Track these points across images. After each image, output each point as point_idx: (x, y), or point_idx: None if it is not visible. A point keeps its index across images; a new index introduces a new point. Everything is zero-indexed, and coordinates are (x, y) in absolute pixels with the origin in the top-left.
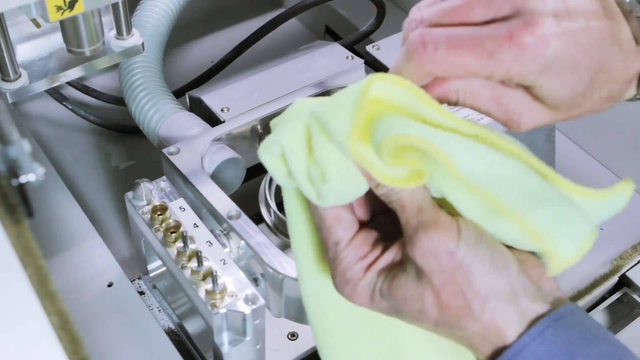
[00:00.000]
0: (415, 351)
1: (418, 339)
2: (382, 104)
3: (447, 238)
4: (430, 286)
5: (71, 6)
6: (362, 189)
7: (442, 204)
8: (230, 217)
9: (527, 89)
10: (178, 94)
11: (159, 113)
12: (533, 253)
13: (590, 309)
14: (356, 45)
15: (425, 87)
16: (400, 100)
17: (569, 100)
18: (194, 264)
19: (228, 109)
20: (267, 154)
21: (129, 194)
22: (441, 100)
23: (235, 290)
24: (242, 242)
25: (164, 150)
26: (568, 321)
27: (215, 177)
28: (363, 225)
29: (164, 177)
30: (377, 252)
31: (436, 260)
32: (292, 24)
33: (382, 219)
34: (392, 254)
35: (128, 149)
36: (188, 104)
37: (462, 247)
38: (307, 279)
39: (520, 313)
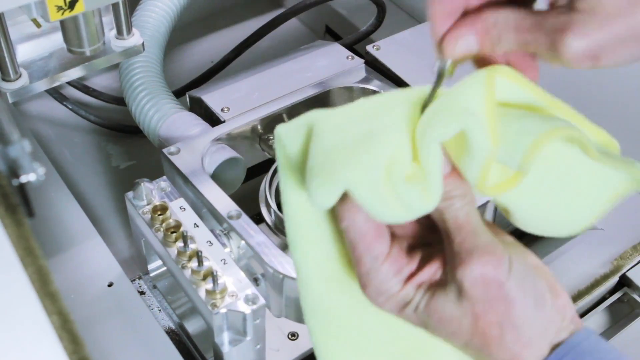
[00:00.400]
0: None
1: (434, 345)
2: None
3: (500, 268)
4: (470, 312)
5: (71, 6)
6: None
7: None
8: (230, 217)
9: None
10: (178, 93)
11: (159, 113)
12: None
13: (591, 309)
14: (356, 45)
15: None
16: (511, 93)
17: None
18: (194, 263)
19: (228, 109)
20: (332, 192)
21: (129, 194)
22: (484, 46)
23: (236, 290)
24: (243, 242)
25: (164, 150)
26: (584, 347)
27: (215, 177)
28: None
29: (164, 177)
30: (412, 265)
31: (485, 288)
32: (292, 24)
33: None
34: (431, 270)
35: (128, 148)
36: (188, 103)
37: (512, 280)
38: (317, 283)
39: (546, 346)
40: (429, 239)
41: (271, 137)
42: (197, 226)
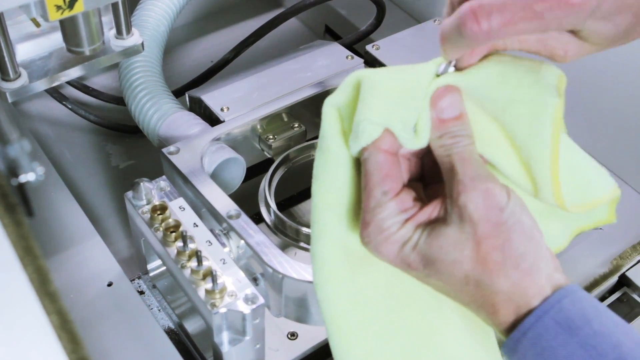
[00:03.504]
0: (444, 328)
1: (448, 315)
2: None
3: (500, 194)
4: (472, 236)
5: (71, 5)
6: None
7: None
8: (230, 217)
9: (573, 32)
10: (178, 93)
11: (158, 112)
12: None
13: None
14: (356, 44)
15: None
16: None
17: (614, 37)
18: (193, 263)
19: (228, 109)
20: (376, 127)
21: (129, 194)
22: (490, 50)
23: (235, 290)
24: (242, 241)
25: (164, 150)
26: (580, 295)
27: (215, 176)
28: None
29: (164, 177)
30: (416, 208)
31: (486, 211)
32: (292, 23)
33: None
34: (430, 210)
35: (128, 148)
36: (188, 103)
37: (510, 207)
38: (331, 246)
39: (545, 279)
40: (431, 194)
41: (271, 137)
42: (197, 226)
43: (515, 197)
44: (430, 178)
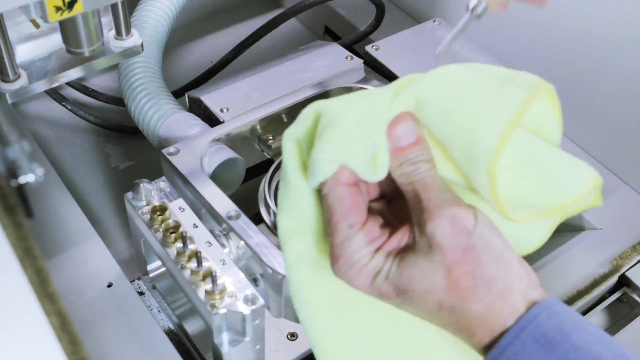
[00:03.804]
0: (430, 344)
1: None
2: None
3: (467, 218)
4: (442, 264)
5: (70, 7)
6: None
7: None
8: (229, 218)
9: None
10: (177, 94)
11: (158, 113)
12: None
13: (590, 308)
14: (356, 45)
15: None
16: None
17: None
18: (193, 264)
19: (227, 109)
20: (331, 165)
21: (129, 195)
22: None
23: (235, 291)
24: (242, 242)
25: (164, 151)
26: (557, 308)
27: (214, 177)
28: None
29: (164, 178)
30: (384, 237)
31: (455, 238)
32: (292, 24)
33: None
34: (399, 238)
35: (128, 149)
36: (187, 104)
37: (478, 230)
38: (305, 270)
39: (519, 299)
40: (399, 218)
41: (270, 138)
42: (196, 227)
43: (482, 218)
44: (390, 193)
